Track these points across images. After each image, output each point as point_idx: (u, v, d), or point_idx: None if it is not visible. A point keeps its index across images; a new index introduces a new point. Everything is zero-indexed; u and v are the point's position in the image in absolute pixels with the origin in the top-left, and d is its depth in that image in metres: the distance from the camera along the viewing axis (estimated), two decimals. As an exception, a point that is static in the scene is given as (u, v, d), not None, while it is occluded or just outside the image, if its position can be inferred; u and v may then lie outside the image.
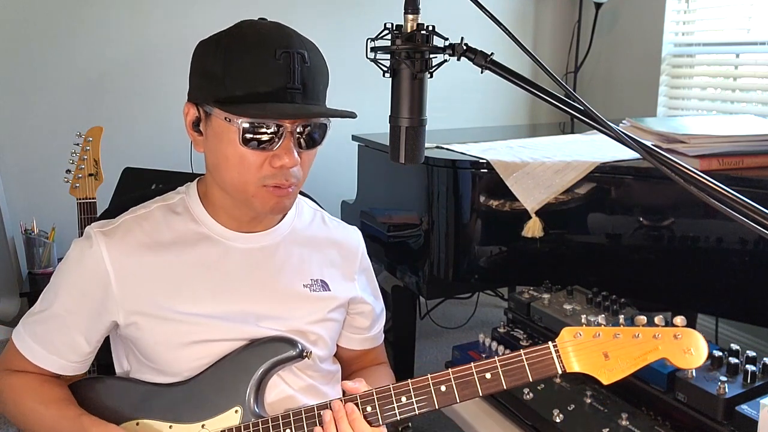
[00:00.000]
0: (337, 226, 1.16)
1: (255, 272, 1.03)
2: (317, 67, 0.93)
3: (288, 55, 0.89)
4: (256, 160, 0.92)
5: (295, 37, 0.92)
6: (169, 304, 0.98)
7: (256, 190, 0.94)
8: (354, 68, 2.57)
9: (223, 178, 0.96)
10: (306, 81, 0.91)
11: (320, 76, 0.94)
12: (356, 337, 1.18)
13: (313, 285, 1.07)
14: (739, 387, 1.15)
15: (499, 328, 1.61)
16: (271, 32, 0.92)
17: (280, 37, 0.91)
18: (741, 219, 0.65)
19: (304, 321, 1.05)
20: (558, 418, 1.24)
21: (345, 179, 2.58)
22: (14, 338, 1.02)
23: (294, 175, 0.94)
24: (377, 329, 1.21)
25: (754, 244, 1.42)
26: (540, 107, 3.50)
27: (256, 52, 0.89)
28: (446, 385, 0.89)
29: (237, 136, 0.90)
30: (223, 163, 0.94)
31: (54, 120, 2.56)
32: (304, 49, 0.91)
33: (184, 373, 0.99)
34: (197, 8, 2.69)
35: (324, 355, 1.08)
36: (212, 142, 0.95)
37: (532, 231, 1.66)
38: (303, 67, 0.90)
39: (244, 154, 0.91)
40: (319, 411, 0.92)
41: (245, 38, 0.91)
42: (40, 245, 2.41)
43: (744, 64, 2.70)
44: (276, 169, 0.92)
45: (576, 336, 0.88)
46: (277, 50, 0.89)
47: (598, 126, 0.72)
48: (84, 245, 0.99)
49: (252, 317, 1.01)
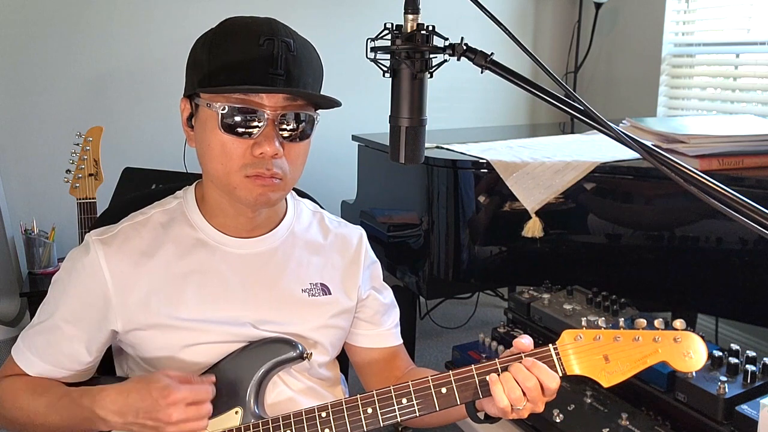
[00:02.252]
0: (338, 226, 1.14)
1: (253, 278, 1.02)
2: (304, 57, 0.92)
3: (272, 42, 0.89)
4: (237, 147, 0.91)
5: (283, 28, 0.92)
6: (168, 311, 0.97)
7: (239, 180, 0.92)
8: (354, 68, 2.57)
9: (210, 170, 0.95)
10: (290, 68, 0.90)
11: (308, 68, 0.93)
12: (368, 333, 1.14)
13: (313, 289, 1.06)
14: (739, 387, 1.15)
15: (499, 328, 1.61)
16: (258, 22, 0.92)
17: (267, 26, 0.91)
18: (741, 219, 0.65)
19: (304, 326, 1.04)
20: (558, 418, 1.24)
21: (345, 179, 2.58)
22: (13, 353, 1.00)
23: (277, 166, 0.92)
24: (390, 323, 1.16)
25: (754, 244, 1.42)
26: (540, 107, 3.50)
27: (240, 38, 0.89)
28: (447, 387, 0.89)
29: (217, 122, 0.90)
30: (208, 153, 0.93)
31: (54, 120, 2.56)
32: (291, 38, 0.91)
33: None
34: (197, 9, 2.69)
35: (323, 361, 1.07)
36: (199, 132, 0.95)
37: (532, 231, 1.66)
38: (288, 54, 0.90)
39: (225, 141, 0.91)
40: (319, 412, 0.92)
41: (232, 28, 0.92)
42: (40, 245, 2.41)
43: (744, 64, 2.70)
44: (257, 157, 0.91)
45: (576, 338, 0.88)
46: (261, 37, 0.89)
47: (598, 126, 0.72)
48: (82, 254, 0.98)
49: (250, 323, 1.00)
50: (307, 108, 0.93)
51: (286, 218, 1.08)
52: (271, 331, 1.01)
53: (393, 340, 1.16)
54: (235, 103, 0.89)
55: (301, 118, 0.93)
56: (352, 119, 2.74)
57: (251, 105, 0.90)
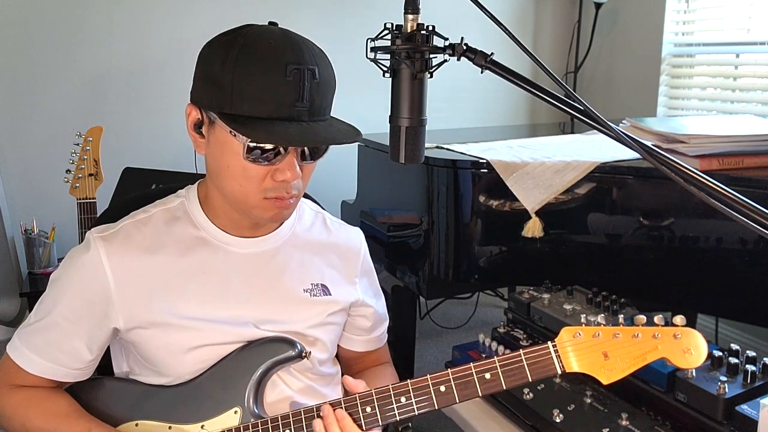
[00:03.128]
0: (339, 228, 1.15)
1: (255, 277, 1.02)
2: (326, 81, 0.91)
3: (299, 72, 0.86)
4: (258, 173, 0.91)
5: (307, 51, 0.89)
6: (169, 309, 0.97)
7: (257, 201, 0.94)
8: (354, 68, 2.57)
9: (224, 186, 0.95)
10: (314, 97, 0.88)
11: (328, 91, 0.92)
12: (358, 338, 1.18)
13: (314, 289, 1.06)
14: (739, 387, 1.15)
15: (499, 328, 1.61)
16: (281, 45, 0.87)
17: (292, 52, 0.87)
18: (741, 219, 0.65)
19: (304, 325, 1.04)
20: (558, 418, 1.24)
21: (345, 179, 2.58)
22: (9, 351, 1.00)
23: (295, 188, 0.95)
24: (380, 331, 1.21)
25: (754, 244, 1.42)
26: (540, 107, 3.50)
27: (266, 68, 0.85)
28: (446, 386, 0.89)
29: (241, 150, 0.89)
30: (225, 172, 0.93)
31: (54, 120, 2.56)
32: (315, 64, 0.88)
33: (186, 376, 0.99)
34: (198, 9, 2.69)
35: (323, 358, 1.08)
36: (215, 149, 0.93)
37: (532, 231, 1.66)
38: (312, 83, 0.87)
39: (247, 167, 0.91)
40: (318, 412, 0.92)
41: (256, 51, 0.86)
42: (40, 245, 2.41)
43: (744, 64, 2.70)
44: (278, 183, 0.92)
45: (575, 336, 0.88)
46: (288, 66, 0.85)
47: (598, 126, 0.72)
48: (83, 252, 0.98)
49: (252, 322, 1.00)
50: None
51: (288, 218, 1.08)
52: (272, 331, 1.01)
53: (379, 344, 1.22)
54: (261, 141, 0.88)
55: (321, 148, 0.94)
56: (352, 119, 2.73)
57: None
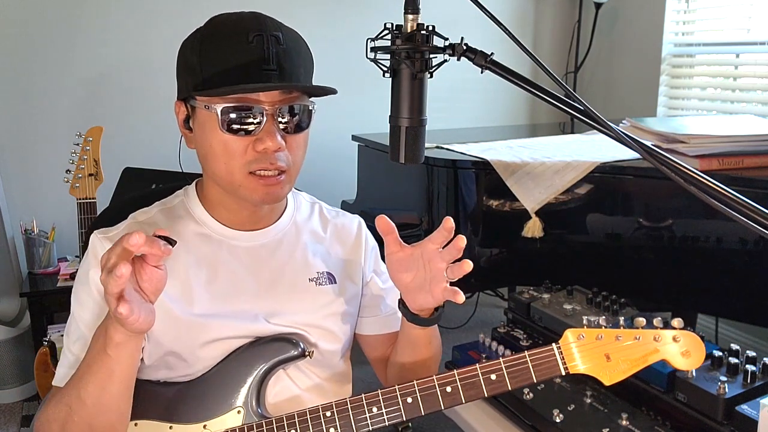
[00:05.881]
0: (336, 215, 1.16)
1: (260, 270, 1.03)
2: (294, 48, 0.93)
3: (261, 38, 0.89)
4: (239, 145, 0.92)
5: (270, 22, 0.93)
6: (178, 306, 0.97)
7: (243, 178, 0.93)
8: (354, 68, 2.57)
9: (212, 170, 0.96)
10: (282, 62, 0.91)
11: (298, 58, 0.94)
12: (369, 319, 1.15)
13: (320, 278, 1.07)
14: (739, 387, 1.15)
15: (499, 328, 1.61)
16: (244, 18, 0.92)
17: (254, 22, 0.91)
18: (741, 219, 0.65)
19: (314, 315, 1.04)
20: (558, 418, 1.24)
21: (345, 179, 2.58)
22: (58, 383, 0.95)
23: (281, 159, 0.94)
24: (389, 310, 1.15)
25: (754, 244, 1.42)
26: (540, 107, 3.50)
27: (229, 37, 0.90)
28: (452, 386, 0.90)
29: (217, 123, 0.90)
30: (210, 154, 0.94)
31: (54, 120, 2.56)
32: (279, 31, 0.92)
33: (198, 372, 0.99)
34: (198, 9, 2.69)
35: (335, 349, 1.07)
36: (198, 134, 0.95)
37: (532, 231, 1.66)
38: (278, 48, 0.90)
39: (226, 140, 0.91)
40: (324, 411, 0.92)
41: (219, 26, 0.92)
42: (40, 245, 2.41)
43: (744, 64, 2.70)
44: (259, 153, 0.92)
45: (579, 338, 0.89)
46: (250, 33, 0.89)
47: (598, 126, 0.72)
48: (91, 260, 0.97)
49: (261, 314, 1.01)
50: (302, 99, 0.95)
51: (287, 210, 1.09)
52: (282, 324, 1.01)
53: (394, 325, 1.13)
54: (232, 102, 0.90)
55: (296, 110, 0.94)
56: (352, 119, 2.74)
57: (249, 102, 0.90)
